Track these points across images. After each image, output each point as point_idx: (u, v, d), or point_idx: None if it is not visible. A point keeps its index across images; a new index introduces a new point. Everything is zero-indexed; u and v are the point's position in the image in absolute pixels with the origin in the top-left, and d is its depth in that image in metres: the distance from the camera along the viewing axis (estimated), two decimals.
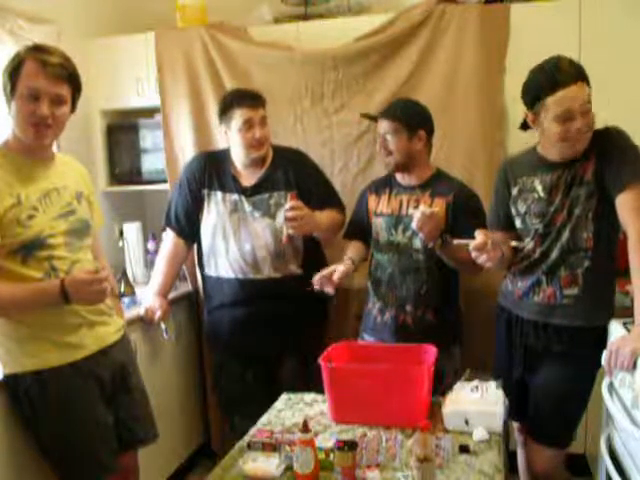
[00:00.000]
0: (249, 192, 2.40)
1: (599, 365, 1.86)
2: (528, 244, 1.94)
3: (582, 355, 1.85)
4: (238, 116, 2.30)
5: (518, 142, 2.09)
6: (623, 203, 1.73)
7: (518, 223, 1.99)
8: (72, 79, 1.76)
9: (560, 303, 1.86)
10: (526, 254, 1.95)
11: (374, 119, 2.27)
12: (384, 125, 2.19)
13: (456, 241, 1.95)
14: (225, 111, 2.34)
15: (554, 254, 1.87)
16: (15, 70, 1.69)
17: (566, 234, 1.84)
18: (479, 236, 1.84)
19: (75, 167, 1.98)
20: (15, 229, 1.69)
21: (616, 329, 1.98)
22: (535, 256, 1.92)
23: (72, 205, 1.86)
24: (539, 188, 1.91)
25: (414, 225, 2.00)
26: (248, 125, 2.30)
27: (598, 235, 1.81)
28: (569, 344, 1.86)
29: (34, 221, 1.73)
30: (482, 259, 1.84)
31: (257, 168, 2.41)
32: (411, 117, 2.21)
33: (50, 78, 1.69)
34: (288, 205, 2.22)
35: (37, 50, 1.71)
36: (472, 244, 1.84)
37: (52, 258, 1.77)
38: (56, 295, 1.68)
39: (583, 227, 1.81)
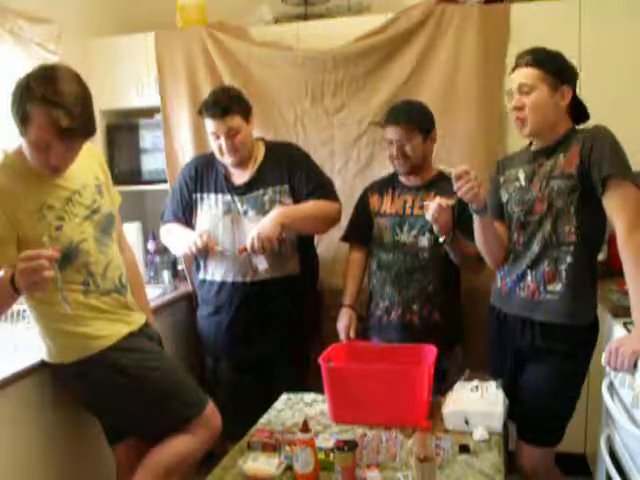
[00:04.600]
0: (242, 190, 2.37)
1: (586, 363, 1.87)
2: (513, 234, 1.95)
3: (567, 353, 1.85)
4: (207, 124, 2.31)
5: (518, 142, 2.09)
6: (608, 201, 1.74)
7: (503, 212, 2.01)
8: (84, 133, 1.67)
9: (544, 299, 1.86)
10: (511, 246, 1.96)
11: (381, 125, 2.26)
12: (398, 131, 2.18)
13: (442, 166, 1.95)
14: (200, 115, 2.35)
15: (536, 246, 1.87)
16: (24, 118, 1.60)
17: (548, 226, 1.84)
18: (462, 165, 1.83)
19: (88, 153, 1.90)
20: (47, 244, 1.65)
21: (616, 329, 1.98)
22: (518, 247, 1.93)
23: (96, 202, 1.87)
24: (521, 177, 1.93)
25: (428, 216, 2.00)
26: (215, 136, 2.30)
27: (581, 230, 1.81)
28: (553, 342, 1.85)
29: (63, 231, 1.74)
30: (464, 189, 1.80)
31: (246, 167, 2.39)
32: (424, 120, 2.24)
33: (62, 139, 1.62)
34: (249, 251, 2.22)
35: (46, 103, 1.57)
36: (454, 172, 1.82)
37: (88, 264, 1.80)
38: (7, 281, 1.57)
39: (566, 220, 1.82)
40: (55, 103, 1.58)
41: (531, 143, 1.99)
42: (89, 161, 1.93)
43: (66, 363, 1.84)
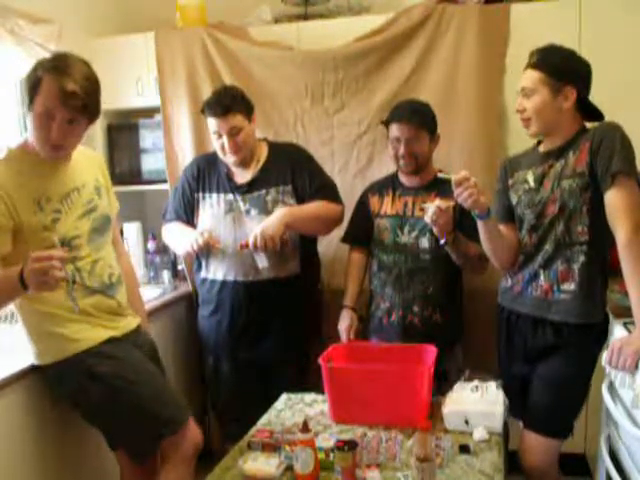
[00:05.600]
0: (244, 189, 2.38)
1: (595, 358, 1.87)
2: (524, 236, 1.94)
3: (579, 350, 1.85)
4: (209, 123, 2.32)
5: (518, 142, 2.09)
6: (611, 202, 1.73)
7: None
8: (87, 108, 1.71)
9: (557, 298, 1.86)
10: (522, 247, 1.95)
11: (386, 123, 2.26)
12: (407, 129, 2.17)
13: (440, 175, 1.94)
14: (202, 114, 2.36)
15: (549, 247, 1.87)
16: (34, 86, 1.67)
17: (560, 227, 1.84)
18: (461, 171, 1.82)
19: (90, 157, 1.97)
20: (42, 234, 1.71)
21: (617, 329, 1.98)
22: (529, 248, 1.92)
23: (93, 202, 1.88)
24: (530, 179, 1.92)
25: (427, 218, 2.00)
26: (217, 135, 2.31)
27: (594, 229, 1.81)
28: (566, 340, 1.86)
29: (59, 224, 1.75)
30: (464, 195, 1.80)
31: (249, 166, 2.39)
32: (431, 120, 2.24)
33: (65, 105, 1.66)
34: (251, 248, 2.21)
35: (57, 71, 1.67)
36: (454, 178, 1.81)
37: (76, 259, 1.80)
38: (16, 279, 1.58)
39: (578, 220, 1.81)
40: (65, 72, 1.67)
41: (539, 143, 1.98)
42: (90, 163, 1.96)
43: (46, 365, 1.83)
